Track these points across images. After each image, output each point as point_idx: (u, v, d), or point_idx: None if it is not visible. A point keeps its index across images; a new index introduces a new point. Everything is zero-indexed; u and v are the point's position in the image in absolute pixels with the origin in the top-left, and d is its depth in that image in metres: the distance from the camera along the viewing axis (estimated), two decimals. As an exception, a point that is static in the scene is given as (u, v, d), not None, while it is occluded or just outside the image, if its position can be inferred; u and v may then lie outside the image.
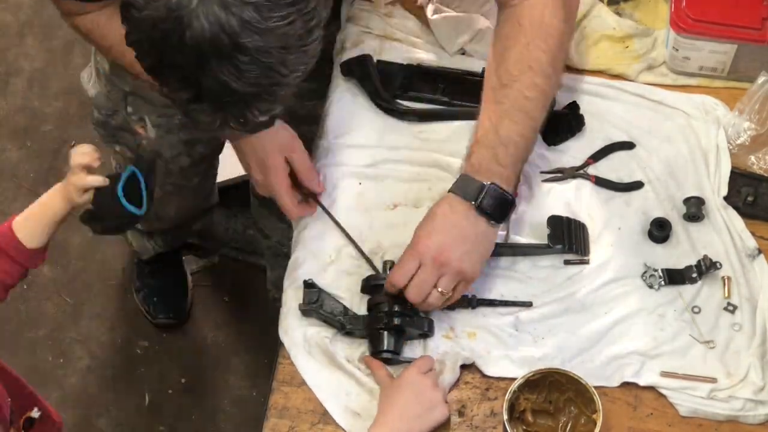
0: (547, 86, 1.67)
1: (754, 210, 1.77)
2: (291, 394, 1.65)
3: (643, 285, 1.71)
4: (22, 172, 2.86)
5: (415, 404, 1.58)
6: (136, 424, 2.57)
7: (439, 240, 1.61)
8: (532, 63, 1.65)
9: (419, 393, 1.59)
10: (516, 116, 1.64)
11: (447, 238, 1.61)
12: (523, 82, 1.65)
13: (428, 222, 1.64)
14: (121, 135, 2.07)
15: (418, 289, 1.62)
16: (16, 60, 3.02)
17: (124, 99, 1.98)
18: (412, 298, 1.63)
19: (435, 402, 1.59)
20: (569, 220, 1.74)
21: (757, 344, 1.66)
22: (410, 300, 1.63)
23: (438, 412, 1.60)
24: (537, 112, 1.67)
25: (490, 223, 1.63)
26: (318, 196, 1.78)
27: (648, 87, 1.89)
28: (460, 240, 1.62)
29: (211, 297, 2.72)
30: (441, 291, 1.62)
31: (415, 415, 1.58)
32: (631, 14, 1.96)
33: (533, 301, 1.70)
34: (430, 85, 1.89)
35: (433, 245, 1.61)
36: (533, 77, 1.65)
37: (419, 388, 1.59)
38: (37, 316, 2.68)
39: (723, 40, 1.82)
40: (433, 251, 1.61)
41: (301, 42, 1.35)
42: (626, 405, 1.64)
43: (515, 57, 1.66)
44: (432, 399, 1.59)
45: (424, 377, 1.60)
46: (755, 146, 1.82)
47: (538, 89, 1.66)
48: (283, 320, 1.70)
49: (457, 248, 1.61)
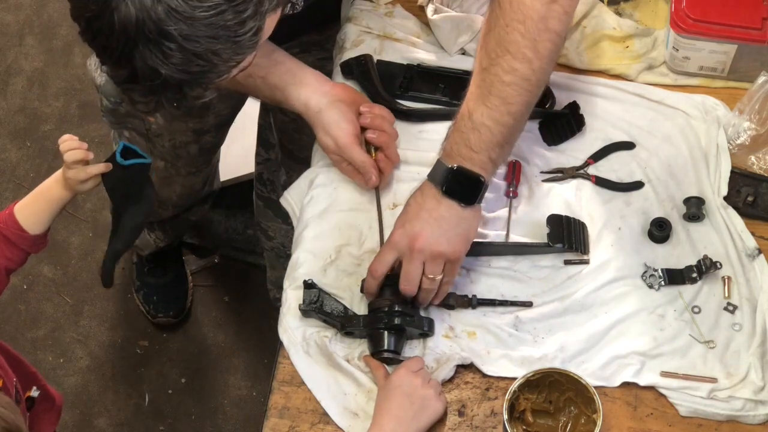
0: (528, 71, 1.60)
1: (754, 210, 1.77)
2: (291, 394, 1.65)
3: (643, 285, 1.71)
4: (22, 172, 2.86)
5: (408, 406, 1.58)
6: (136, 424, 2.57)
7: (411, 227, 1.62)
8: (509, 46, 1.59)
9: (410, 393, 1.58)
10: (491, 101, 1.60)
11: (419, 224, 1.61)
12: (500, 65, 1.60)
13: (403, 212, 1.65)
14: (130, 121, 2.08)
15: (406, 280, 1.62)
16: (16, 60, 3.02)
17: None
18: (405, 290, 1.63)
19: (428, 398, 1.59)
20: (569, 219, 1.74)
21: (757, 344, 1.66)
22: (405, 293, 1.64)
23: (432, 408, 1.60)
24: (516, 98, 1.61)
25: (461, 205, 1.62)
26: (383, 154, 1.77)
27: (648, 87, 1.89)
28: (433, 223, 1.61)
29: (211, 297, 2.72)
30: (431, 277, 1.62)
31: (410, 417, 1.58)
32: (631, 14, 1.96)
33: (533, 300, 1.70)
34: (430, 85, 1.89)
35: (406, 233, 1.62)
36: (511, 61, 1.59)
37: (409, 388, 1.59)
38: (37, 316, 2.68)
39: (723, 40, 1.82)
40: (407, 239, 1.62)
41: (232, 33, 1.34)
42: (626, 405, 1.64)
43: (495, 40, 1.61)
44: (424, 396, 1.59)
45: (413, 377, 1.60)
46: (755, 146, 1.82)
47: (517, 74, 1.59)
48: (282, 320, 1.71)
49: (431, 232, 1.61)
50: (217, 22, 1.32)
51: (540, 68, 1.61)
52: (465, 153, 1.61)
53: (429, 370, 1.64)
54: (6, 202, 2.80)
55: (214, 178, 2.46)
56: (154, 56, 1.33)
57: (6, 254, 1.67)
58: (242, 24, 1.35)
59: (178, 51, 1.32)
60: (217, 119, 2.12)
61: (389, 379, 1.61)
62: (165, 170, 2.19)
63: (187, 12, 1.31)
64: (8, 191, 2.83)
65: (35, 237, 1.67)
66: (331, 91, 1.77)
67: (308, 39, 2.01)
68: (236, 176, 2.68)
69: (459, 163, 1.61)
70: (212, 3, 1.32)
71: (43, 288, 2.72)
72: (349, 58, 1.90)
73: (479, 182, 1.62)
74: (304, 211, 1.80)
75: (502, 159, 1.67)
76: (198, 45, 1.33)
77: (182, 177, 2.24)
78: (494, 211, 1.76)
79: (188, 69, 1.35)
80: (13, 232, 1.66)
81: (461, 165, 1.61)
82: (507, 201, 1.77)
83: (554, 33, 1.60)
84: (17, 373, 1.77)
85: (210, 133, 2.12)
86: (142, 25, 1.31)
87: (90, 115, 2.92)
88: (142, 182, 1.64)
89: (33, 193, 1.68)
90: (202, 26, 1.32)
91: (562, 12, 1.61)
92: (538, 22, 1.59)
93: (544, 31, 1.59)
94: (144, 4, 1.30)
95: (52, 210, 1.67)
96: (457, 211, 1.62)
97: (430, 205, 1.62)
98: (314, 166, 1.84)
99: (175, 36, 1.31)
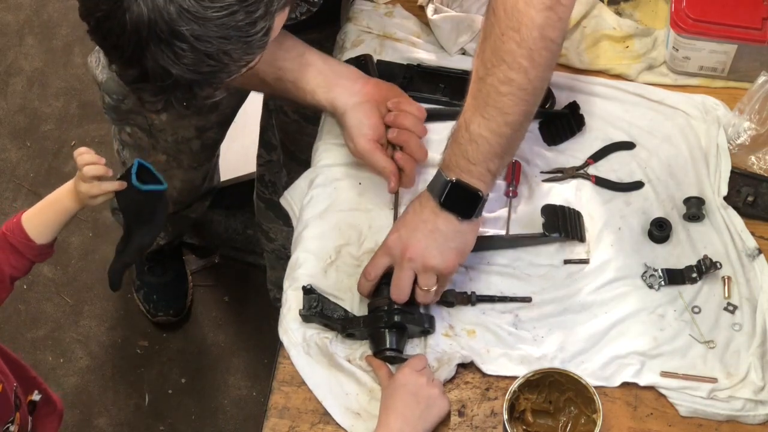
0: (524, 80, 1.56)
1: (754, 210, 1.77)
2: (291, 394, 1.65)
3: (643, 285, 1.71)
4: (22, 172, 2.86)
5: (414, 405, 1.58)
6: (136, 424, 2.57)
7: (407, 235, 1.62)
8: (504, 55, 1.56)
9: (416, 392, 1.58)
10: (488, 112, 1.58)
11: (415, 234, 1.61)
12: (496, 75, 1.58)
13: (401, 218, 1.65)
14: (133, 117, 2.08)
15: (397, 288, 1.63)
16: (16, 60, 3.02)
17: None
18: (395, 298, 1.63)
19: (433, 397, 1.59)
20: (563, 208, 1.74)
21: (757, 344, 1.66)
22: (394, 299, 1.64)
23: (438, 407, 1.60)
24: (513, 108, 1.58)
25: (458, 218, 1.61)
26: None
27: (648, 87, 1.89)
28: (428, 235, 1.61)
29: (211, 297, 2.72)
30: (425, 289, 1.62)
31: (417, 416, 1.57)
32: (631, 14, 1.96)
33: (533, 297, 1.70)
34: (430, 85, 1.88)
35: (401, 240, 1.62)
36: (507, 71, 1.56)
37: (415, 387, 1.59)
38: (37, 316, 2.68)
39: (723, 40, 1.82)
40: (401, 246, 1.62)
41: (243, 33, 1.35)
42: (626, 405, 1.64)
43: (491, 48, 1.59)
44: (430, 395, 1.59)
45: (418, 375, 1.60)
46: (755, 146, 1.82)
47: (514, 84, 1.56)
48: (282, 320, 1.70)
49: (425, 244, 1.61)
50: (228, 22, 1.33)
51: (537, 77, 1.58)
52: (463, 165, 1.60)
53: (431, 369, 1.64)
54: (6, 202, 2.80)
55: (214, 173, 2.46)
56: (165, 56, 1.33)
57: (11, 262, 1.66)
58: (253, 24, 1.35)
59: (189, 51, 1.33)
60: (220, 116, 2.12)
61: (394, 378, 1.60)
62: (166, 164, 2.19)
63: (199, 12, 1.31)
64: (8, 191, 2.83)
65: (41, 246, 1.67)
66: (362, 90, 1.75)
67: (308, 38, 2.01)
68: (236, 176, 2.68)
69: (458, 175, 1.60)
70: (224, 3, 1.32)
71: (43, 288, 2.72)
72: (349, 58, 1.89)
73: (477, 197, 1.61)
74: (303, 211, 1.80)
75: (502, 169, 1.66)
76: (209, 45, 1.33)
77: (183, 171, 2.24)
78: (494, 211, 1.76)
79: (199, 69, 1.35)
80: (20, 240, 1.65)
81: (460, 178, 1.60)
82: (507, 201, 1.77)
83: (550, 41, 1.57)
84: (18, 378, 1.77)
85: (212, 129, 2.13)
86: (153, 25, 1.31)
87: (90, 115, 2.92)
88: (155, 206, 1.65)
89: (42, 203, 1.68)
90: (214, 27, 1.32)
91: (557, 19, 1.57)
92: (533, 30, 1.55)
93: (539, 39, 1.56)
94: (156, 4, 1.30)
95: (60, 221, 1.67)
96: (455, 225, 1.61)
97: (426, 216, 1.62)
98: (314, 166, 1.84)
99: (186, 36, 1.31)
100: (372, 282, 1.65)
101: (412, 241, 1.61)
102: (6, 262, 1.66)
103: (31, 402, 1.83)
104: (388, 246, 1.63)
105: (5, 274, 1.67)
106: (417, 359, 1.63)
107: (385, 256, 1.64)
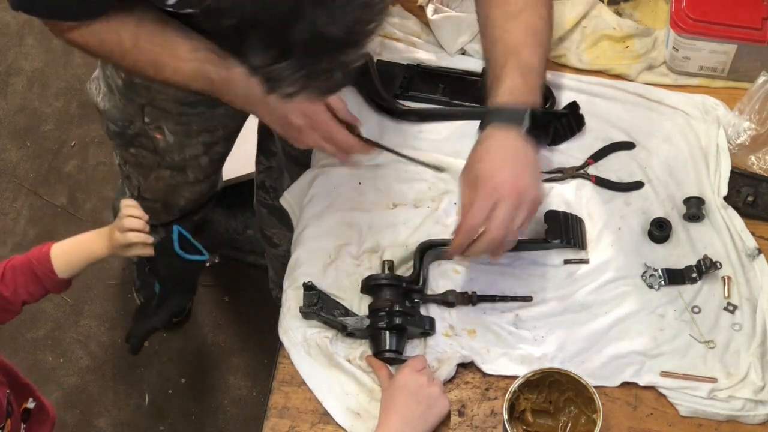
0: (551, 18, 1.69)
1: (754, 210, 1.77)
2: (291, 394, 1.65)
3: (643, 285, 1.72)
4: (22, 172, 2.86)
5: (415, 405, 1.58)
6: (136, 424, 2.57)
7: (512, 170, 1.58)
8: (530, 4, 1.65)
9: (416, 392, 1.58)
10: (532, 44, 1.64)
11: (518, 167, 1.59)
12: (529, 12, 1.65)
13: (489, 157, 1.60)
14: (139, 140, 2.08)
15: (499, 230, 1.57)
16: (16, 60, 3.02)
17: (140, 110, 2.00)
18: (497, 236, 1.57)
19: (434, 397, 1.59)
20: (566, 215, 1.75)
21: (757, 344, 1.66)
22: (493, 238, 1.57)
23: (439, 407, 1.60)
24: (547, 43, 1.68)
25: (536, 144, 1.62)
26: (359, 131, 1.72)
27: (648, 87, 1.89)
28: (528, 165, 1.60)
29: (211, 297, 2.72)
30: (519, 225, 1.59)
31: (417, 416, 1.58)
32: (631, 14, 1.96)
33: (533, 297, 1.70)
34: (430, 85, 1.89)
35: (508, 177, 1.57)
36: (538, 7, 1.66)
37: (415, 387, 1.59)
38: (37, 316, 2.68)
39: (723, 40, 1.82)
40: (510, 183, 1.57)
41: None
42: (626, 405, 1.64)
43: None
44: (430, 395, 1.59)
45: (418, 375, 1.60)
46: (755, 146, 1.82)
47: (544, 20, 1.67)
48: (282, 320, 1.71)
49: (528, 174, 1.59)
50: None
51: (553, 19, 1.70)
52: (527, 95, 1.62)
53: (431, 369, 1.64)
54: (6, 202, 2.80)
55: (218, 179, 2.45)
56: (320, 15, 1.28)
57: (29, 289, 1.68)
58: None
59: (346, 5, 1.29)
60: (226, 131, 2.12)
61: (394, 379, 1.61)
62: (171, 178, 2.18)
63: None
64: (8, 191, 2.83)
65: (61, 280, 1.68)
66: None
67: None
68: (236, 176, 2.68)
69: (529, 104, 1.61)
70: None
71: (43, 288, 2.72)
72: (349, 58, 1.89)
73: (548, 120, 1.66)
74: (304, 211, 1.80)
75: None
76: None
77: (191, 185, 2.23)
78: (494, 211, 1.76)
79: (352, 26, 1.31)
80: (44, 271, 1.68)
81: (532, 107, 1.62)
82: (507, 201, 1.77)
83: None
84: (12, 386, 1.77)
85: (219, 144, 2.12)
86: None
87: (90, 115, 2.92)
88: (195, 274, 1.67)
89: (73, 241, 1.70)
90: None
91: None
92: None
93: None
94: None
95: (87, 262, 1.70)
96: (534, 151, 1.62)
97: (518, 146, 1.60)
98: (314, 166, 1.84)
99: None
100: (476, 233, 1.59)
101: (521, 175, 1.57)
102: (24, 287, 1.68)
103: (26, 410, 1.83)
104: (497, 187, 1.56)
105: (19, 298, 1.68)
106: (416, 360, 1.63)
107: (492, 198, 1.57)
